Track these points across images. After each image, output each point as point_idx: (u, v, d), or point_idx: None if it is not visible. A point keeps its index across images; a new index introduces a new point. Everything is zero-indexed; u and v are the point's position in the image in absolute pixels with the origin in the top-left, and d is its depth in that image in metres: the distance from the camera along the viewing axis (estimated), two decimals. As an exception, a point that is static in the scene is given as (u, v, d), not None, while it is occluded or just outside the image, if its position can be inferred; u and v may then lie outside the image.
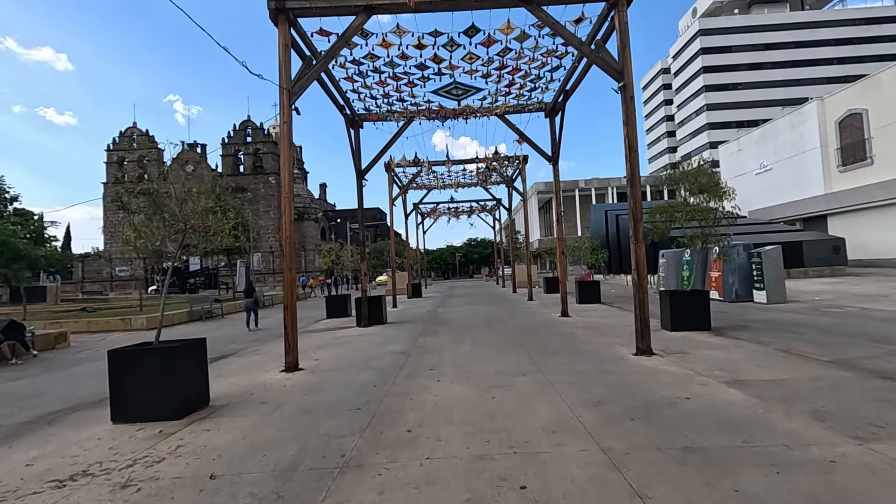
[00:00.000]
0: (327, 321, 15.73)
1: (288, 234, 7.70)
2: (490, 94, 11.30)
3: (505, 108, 12.96)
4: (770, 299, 13.63)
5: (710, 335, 8.99)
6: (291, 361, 7.56)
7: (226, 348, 11.00)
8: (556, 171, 13.29)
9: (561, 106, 12.55)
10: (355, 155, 13.19)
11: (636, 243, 7.50)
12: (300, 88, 7.89)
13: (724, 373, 6.04)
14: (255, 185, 67.46)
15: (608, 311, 14.32)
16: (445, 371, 6.88)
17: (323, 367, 7.73)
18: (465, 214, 32.59)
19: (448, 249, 78.12)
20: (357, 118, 13.06)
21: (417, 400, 5.40)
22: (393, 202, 19.69)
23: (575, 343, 8.79)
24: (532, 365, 7.00)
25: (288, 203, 7.73)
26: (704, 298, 9.72)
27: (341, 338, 11.25)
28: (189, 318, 18.07)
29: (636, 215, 7.51)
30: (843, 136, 27.82)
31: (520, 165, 19.64)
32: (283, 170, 7.85)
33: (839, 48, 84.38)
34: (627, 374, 6.17)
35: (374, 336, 11.20)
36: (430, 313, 16.19)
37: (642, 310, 7.43)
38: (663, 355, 7.29)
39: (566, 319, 12.44)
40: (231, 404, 5.71)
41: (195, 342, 5.73)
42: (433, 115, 13.04)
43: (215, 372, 7.90)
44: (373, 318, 13.42)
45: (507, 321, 12.70)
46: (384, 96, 11.20)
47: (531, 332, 10.54)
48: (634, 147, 7.60)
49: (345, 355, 8.78)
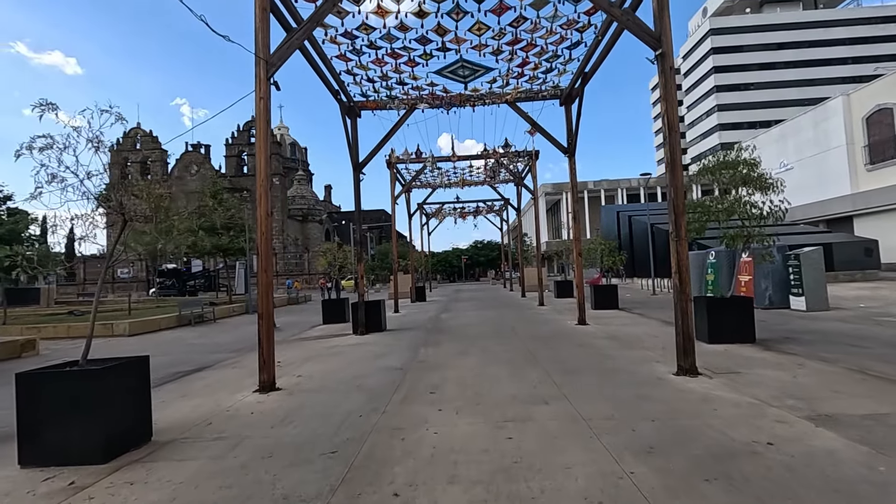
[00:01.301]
0: (323, 327, 14.58)
1: (263, 231, 6.54)
2: (500, 74, 10.11)
3: (516, 94, 11.77)
4: (810, 306, 12.31)
5: (758, 349, 7.73)
6: (266, 380, 6.39)
7: (206, 359, 9.87)
8: (573, 163, 12.06)
9: (578, 91, 11.35)
10: (352, 146, 12.05)
11: (678, 241, 6.26)
12: (279, 59, 6.75)
13: (798, 402, 4.80)
14: (259, 186, 66.51)
15: (629, 318, 13.05)
16: (448, 395, 5.67)
17: (304, 387, 6.55)
18: (471, 215, 31.39)
19: (454, 252, 76.91)
20: (354, 105, 11.92)
21: (411, 439, 4.20)
22: (395, 200, 18.54)
23: (600, 358, 7.54)
24: (553, 387, 5.77)
25: (264, 193, 6.58)
26: (747, 306, 8.46)
27: (334, 348, 10.07)
28: (178, 322, 16.98)
29: (677, 207, 6.28)
30: (871, 132, 26.36)
31: (530, 161, 18.43)
32: (258, 153, 6.70)
33: (853, 47, 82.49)
34: (676, 404, 4.93)
35: (371, 346, 10.02)
36: (433, 319, 14.99)
37: (685, 321, 6.19)
38: (711, 376, 6.04)
39: (584, 328, 11.20)
40: (178, 440, 4.54)
41: (133, 362, 4.57)
42: (437, 101, 11.87)
43: (179, 391, 6.76)
44: (370, 325, 12.25)
45: (518, 329, 11.48)
46: (382, 78, 10.05)
47: (547, 343, 9.30)
48: (675, 126, 6.38)
49: (333, 371, 7.60)
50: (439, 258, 75.09)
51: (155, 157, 66.78)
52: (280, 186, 66.99)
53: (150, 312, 19.60)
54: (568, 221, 49.30)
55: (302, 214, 72.89)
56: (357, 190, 12.43)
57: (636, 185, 65.11)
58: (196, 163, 65.99)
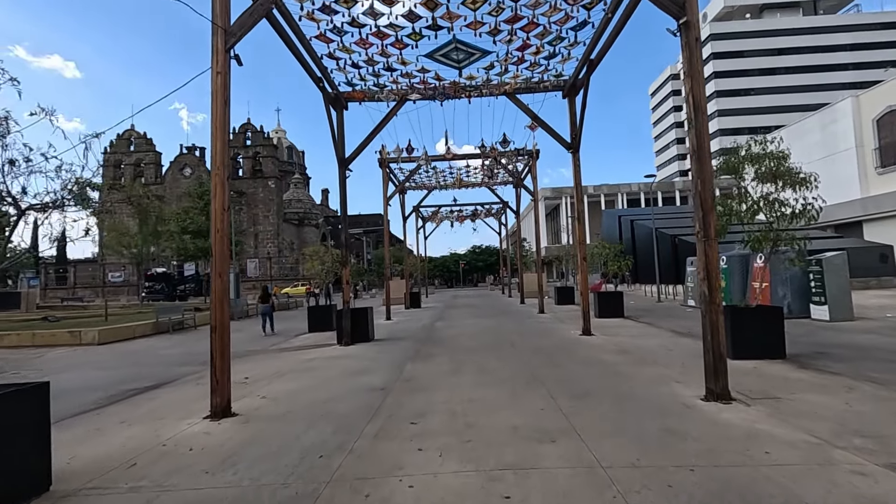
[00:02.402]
0: (307, 336, 13.58)
1: (218, 227, 5.56)
2: (498, 59, 9.18)
3: (515, 84, 10.85)
4: (833, 316, 11.34)
5: (791, 367, 6.76)
6: (219, 404, 5.39)
7: (170, 373, 8.85)
8: (577, 160, 11.13)
9: (584, 81, 10.42)
10: (337, 141, 11.10)
11: (706, 241, 5.31)
12: (241, 28, 5.81)
13: (866, 441, 3.83)
14: (254, 188, 65.69)
15: (637, 328, 12.06)
16: (433, 426, 4.68)
17: (265, 412, 5.55)
18: (468, 219, 30.43)
19: (452, 257, 75.89)
20: (339, 95, 10.98)
21: (377, 498, 3.20)
22: (388, 201, 17.58)
23: (612, 378, 6.56)
24: (560, 417, 4.79)
25: (220, 185, 5.62)
26: (777, 317, 7.49)
27: (312, 361, 9.07)
28: (155, 330, 15.95)
29: (706, 202, 5.33)
30: (881, 135, 25.53)
31: (530, 161, 17.51)
32: (214, 138, 5.75)
33: (855, 53, 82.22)
34: (716, 442, 3.95)
35: (353, 359, 9.02)
36: (426, 328, 13.99)
37: (716, 337, 5.22)
38: (748, 402, 5.07)
39: (590, 339, 10.21)
40: (82, 491, 3.54)
41: (25, 391, 3.56)
42: (430, 91, 10.95)
43: (122, 415, 5.77)
44: (357, 335, 11.26)
45: (517, 341, 10.48)
46: (368, 62, 9.11)
47: (550, 357, 8.31)
48: (702, 107, 5.44)
49: (304, 390, 6.60)
50: (437, 263, 74.09)
51: (149, 160, 65.87)
52: (276, 189, 66.07)
53: (130, 318, 18.57)
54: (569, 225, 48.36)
55: (298, 218, 71.84)
56: (343, 187, 11.47)
57: (636, 189, 64.29)
58: (190, 165, 65.05)
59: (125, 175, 64.75)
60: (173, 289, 40.14)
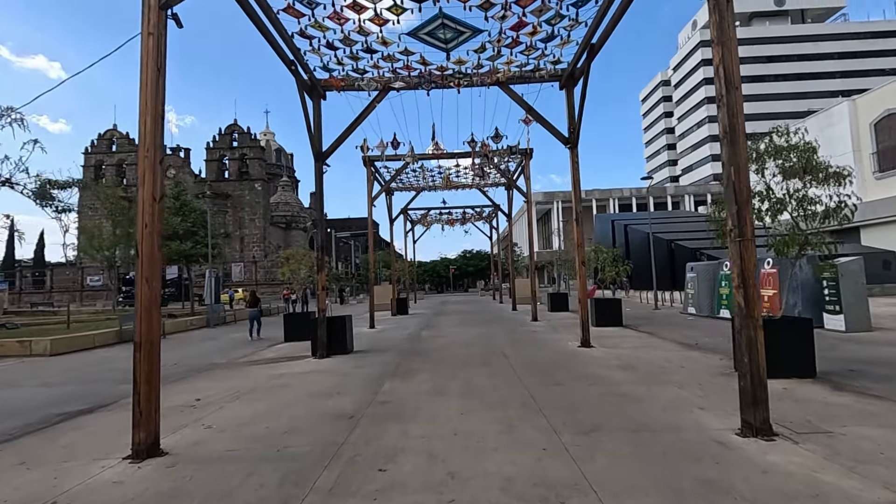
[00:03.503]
0: (282, 346, 12.51)
1: (147, 221, 4.53)
2: (490, 39, 8.25)
3: (508, 72, 9.95)
4: (850, 326, 10.53)
5: (826, 388, 5.86)
6: (144, 441, 4.35)
7: (113, 391, 7.71)
8: (575, 156, 10.24)
9: (583, 69, 9.55)
10: (314, 133, 10.10)
11: (741, 241, 4.38)
12: (180, -19, 4.81)
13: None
14: (241, 191, 64.29)
15: (638, 338, 11.16)
16: (406, 477, 3.67)
17: (201, 451, 4.50)
18: (459, 222, 29.46)
19: (442, 261, 74.86)
20: (316, 84, 10.00)
21: None
22: (373, 202, 16.57)
23: (622, 401, 5.60)
24: (568, 463, 3.81)
25: (149, 169, 4.58)
26: (806, 329, 6.59)
27: (280, 377, 8.01)
28: (118, 338, 14.72)
29: (740, 193, 4.41)
30: (879, 139, 25.09)
31: (524, 160, 16.61)
32: (142, 114, 4.71)
33: (842, 62, 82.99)
34: (766, 502, 3.00)
35: (326, 375, 7.98)
36: (411, 338, 12.96)
37: (754, 358, 4.29)
38: (794, 439, 4.13)
39: (590, 352, 9.26)
40: None
41: None
42: (414, 80, 10.00)
43: (28, 452, 4.72)
44: (334, 346, 10.22)
45: (510, 353, 9.50)
46: (345, 42, 8.13)
47: (548, 375, 7.34)
48: (734, 80, 4.54)
49: (260, 417, 5.55)
50: (426, 268, 73.04)
51: (131, 161, 64.12)
52: (263, 192, 64.71)
53: (95, 326, 17.32)
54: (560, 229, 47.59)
55: (285, 222, 70.40)
56: (319, 183, 10.46)
57: (628, 194, 64.00)
58: (175, 167, 63.42)
59: (106, 176, 63.02)
60: (152, 293, 38.56)
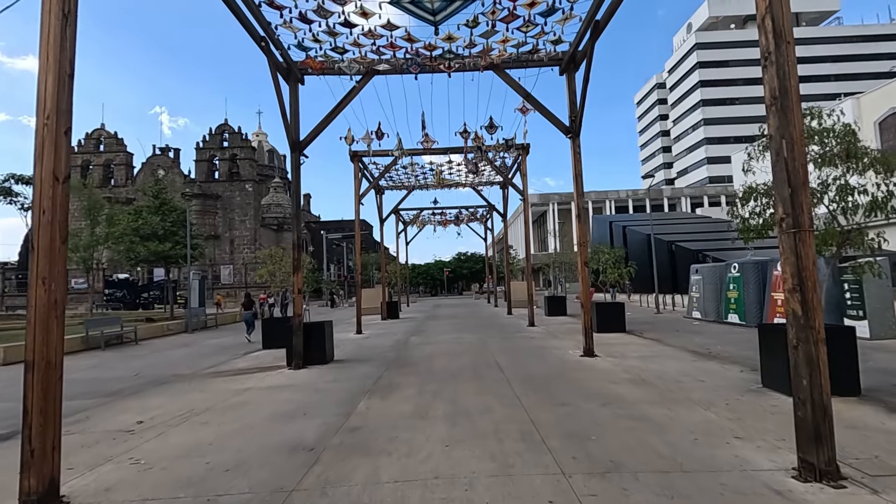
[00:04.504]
0: (258, 354, 11.54)
1: (45, 207, 3.55)
2: (484, 10, 7.34)
3: (503, 53, 9.05)
4: (875, 333, 9.69)
5: (879, 409, 4.98)
6: (35, 487, 3.37)
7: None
8: (577, 146, 9.34)
9: (586, 51, 8.67)
10: (290, 121, 9.16)
11: (797, 233, 3.47)
12: None
13: None
14: (231, 192, 63.12)
15: (644, 346, 10.25)
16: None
17: (111, 501, 3.52)
18: (452, 223, 28.53)
19: (436, 264, 73.86)
20: (292, 66, 9.05)
21: None
22: (360, 199, 15.60)
23: (643, 429, 4.66)
24: (583, 522, 2.87)
25: (52, 142, 3.60)
26: (849, 339, 5.70)
27: (244, 392, 7.03)
28: (84, 345, 13.65)
29: (795, 174, 3.50)
30: (884, 138, 24.43)
31: (520, 157, 15.72)
32: (42, 69, 3.74)
33: (836, 65, 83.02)
34: None
35: (296, 391, 7.00)
36: (398, 345, 11.99)
37: (815, 381, 3.37)
38: (871, 486, 3.22)
39: (594, 363, 8.33)
40: None
41: None
42: (401, 62, 9.08)
43: None
44: (311, 356, 9.26)
45: (505, 364, 8.56)
46: (319, 13, 7.19)
47: (549, 390, 6.40)
48: (786, 35, 3.63)
49: (201, 449, 4.58)
50: (420, 270, 72.07)
51: (119, 161, 62.87)
52: (254, 193, 63.53)
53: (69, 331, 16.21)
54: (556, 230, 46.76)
55: (277, 223, 69.08)
56: (296, 176, 9.51)
57: (624, 196, 63.41)
58: (164, 167, 62.18)
59: (93, 177, 61.66)
60: (137, 296, 37.45)
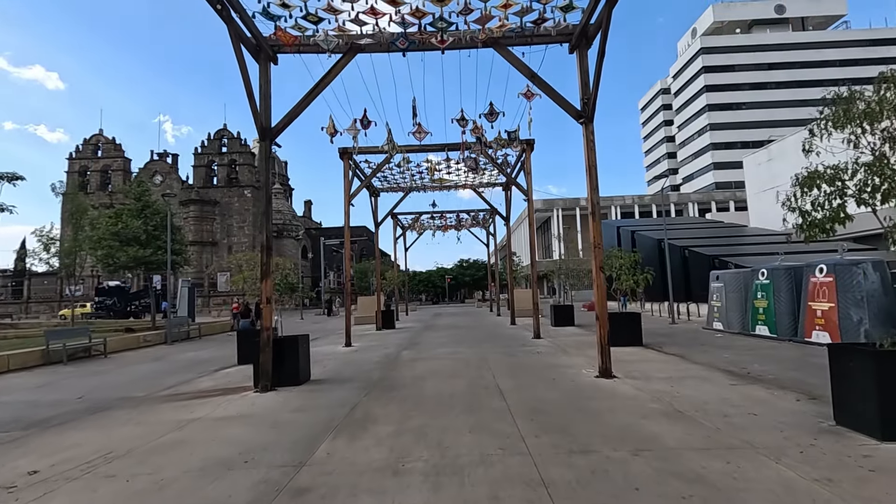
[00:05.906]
0: (228, 371, 10.30)
1: None
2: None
3: (505, 23, 7.83)
4: (938, 349, 8.29)
5: None
6: None
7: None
8: (590, 133, 8.10)
9: (600, 23, 7.45)
10: (261, 106, 7.96)
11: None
12: None
13: None
14: (229, 197, 62.19)
15: (670, 364, 8.90)
16: None
17: None
18: (453, 228, 27.29)
19: (438, 271, 72.56)
20: (262, 42, 7.87)
21: None
22: (351, 199, 14.38)
23: (694, 493, 3.35)
24: None
25: None
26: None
27: (186, 426, 5.75)
28: (44, 359, 12.40)
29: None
30: None
31: (524, 153, 14.48)
32: None
33: (844, 69, 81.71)
34: None
35: (248, 426, 5.72)
36: (386, 362, 10.67)
37: None
38: None
39: (614, 387, 7.01)
40: None
41: None
42: (386, 38, 7.88)
43: None
44: (283, 375, 8.01)
45: (508, 389, 7.24)
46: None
47: (565, 432, 5.09)
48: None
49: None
50: (422, 278, 70.82)
51: (117, 166, 62.11)
52: (253, 199, 62.54)
53: (31, 343, 15.01)
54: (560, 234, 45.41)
55: (276, 230, 68.18)
56: (266, 168, 8.28)
57: (630, 202, 62.19)
58: (161, 172, 61.36)
59: (91, 182, 60.91)
60: (127, 304, 36.28)
